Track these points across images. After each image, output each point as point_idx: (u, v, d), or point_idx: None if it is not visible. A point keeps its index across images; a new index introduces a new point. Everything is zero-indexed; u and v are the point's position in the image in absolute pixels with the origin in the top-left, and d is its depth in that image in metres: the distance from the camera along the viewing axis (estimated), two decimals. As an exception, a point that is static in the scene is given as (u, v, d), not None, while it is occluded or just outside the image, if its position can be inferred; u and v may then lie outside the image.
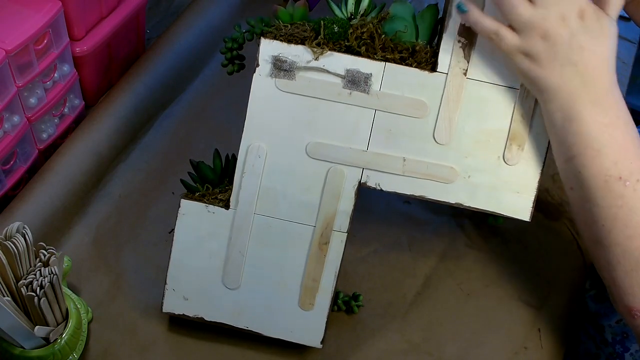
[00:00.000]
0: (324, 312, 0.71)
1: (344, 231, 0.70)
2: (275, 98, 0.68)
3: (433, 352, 0.77)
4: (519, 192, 0.69)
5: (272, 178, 0.69)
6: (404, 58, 0.67)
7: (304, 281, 0.70)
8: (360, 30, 0.66)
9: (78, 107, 0.90)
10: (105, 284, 0.77)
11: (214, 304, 0.71)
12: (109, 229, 0.82)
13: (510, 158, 0.68)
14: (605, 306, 0.85)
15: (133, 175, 0.87)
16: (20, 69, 0.75)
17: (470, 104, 0.68)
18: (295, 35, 0.67)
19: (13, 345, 0.65)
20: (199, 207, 0.70)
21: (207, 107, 0.95)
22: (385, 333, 0.78)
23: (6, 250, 0.62)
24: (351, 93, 0.67)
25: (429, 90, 0.67)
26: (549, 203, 0.91)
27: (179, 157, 0.89)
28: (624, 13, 1.18)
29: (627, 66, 1.12)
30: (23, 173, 0.83)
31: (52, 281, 0.62)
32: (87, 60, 0.87)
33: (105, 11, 0.88)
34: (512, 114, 0.68)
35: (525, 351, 0.78)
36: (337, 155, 0.68)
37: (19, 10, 0.75)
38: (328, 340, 0.74)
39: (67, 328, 0.67)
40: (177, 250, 0.71)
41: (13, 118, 0.78)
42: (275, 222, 0.70)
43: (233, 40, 0.71)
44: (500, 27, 0.63)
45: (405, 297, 0.81)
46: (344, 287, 0.80)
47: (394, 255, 0.84)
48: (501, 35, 0.63)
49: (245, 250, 0.70)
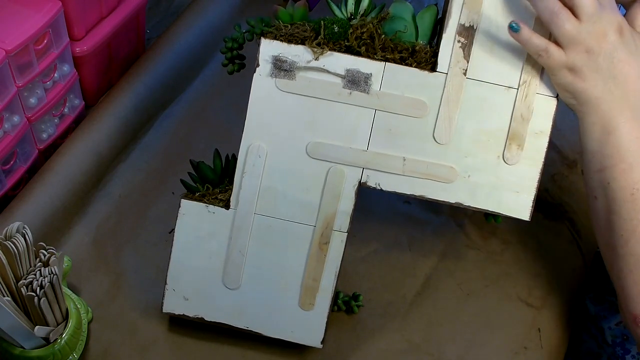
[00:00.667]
0: (324, 312, 0.71)
1: (344, 231, 0.70)
2: (275, 98, 0.68)
3: (433, 352, 0.77)
4: (518, 192, 0.69)
5: (272, 178, 0.69)
6: (404, 58, 0.67)
7: (304, 281, 0.70)
8: (360, 30, 0.67)
9: (78, 107, 0.90)
10: (105, 284, 0.77)
11: (214, 304, 0.71)
12: (109, 229, 0.82)
13: (510, 157, 0.68)
14: (604, 308, 0.85)
15: (133, 175, 0.87)
16: (20, 69, 0.75)
17: (470, 103, 0.68)
18: (295, 35, 0.67)
19: (13, 345, 0.65)
20: (199, 207, 0.70)
21: (207, 107, 0.95)
22: (385, 333, 0.78)
23: (6, 250, 0.62)
24: (351, 93, 0.67)
25: (428, 90, 0.67)
26: (549, 203, 0.91)
27: (179, 157, 0.88)
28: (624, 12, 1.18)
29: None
30: (23, 173, 0.83)
31: (52, 281, 0.62)
32: (87, 60, 0.87)
33: (105, 11, 0.88)
34: (512, 113, 0.68)
35: (525, 351, 0.78)
36: (337, 155, 0.68)
37: (19, 10, 0.75)
38: (328, 340, 0.74)
39: (67, 328, 0.67)
40: (177, 250, 0.71)
41: (13, 118, 0.78)
42: (275, 222, 0.70)
43: (233, 40, 0.71)
44: (549, 44, 0.65)
45: (405, 297, 0.81)
46: (344, 287, 0.80)
47: (394, 255, 0.84)
48: (550, 52, 0.64)
49: (245, 250, 0.70)
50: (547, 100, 0.68)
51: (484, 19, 0.67)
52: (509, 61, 0.67)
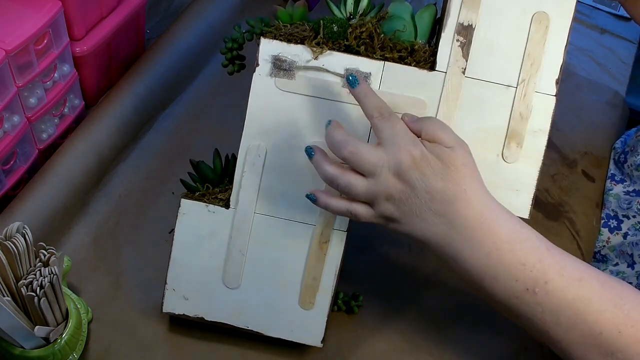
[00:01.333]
0: (324, 311, 0.71)
1: (344, 230, 0.70)
2: (275, 97, 0.68)
3: (433, 352, 0.77)
4: (518, 190, 0.69)
5: (272, 177, 0.69)
6: (403, 57, 0.67)
7: (304, 280, 0.70)
8: (359, 29, 0.67)
9: (78, 107, 0.90)
10: (105, 284, 0.77)
11: (214, 304, 0.71)
12: (109, 229, 0.82)
13: (509, 156, 0.68)
14: None
15: (133, 175, 0.87)
16: (20, 69, 0.75)
17: (469, 102, 0.68)
18: (294, 35, 0.67)
19: (13, 345, 0.65)
20: (199, 207, 0.70)
21: (207, 107, 0.95)
22: (385, 333, 0.78)
23: (6, 250, 0.62)
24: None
25: (427, 89, 0.67)
26: (549, 203, 0.91)
27: (179, 157, 0.89)
28: (624, 13, 1.18)
29: (627, 66, 1.12)
30: (23, 173, 0.83)
31: (52, 281, 0.62)
32: (87, 60, 0.87)
33: (105, 11, 0.88)
34: (511, 112, 0.68)
35: (525, 351, 0.78)
36: (336, 154, 0.68)
37: (19, 10, 0.75)
38: (328, 340, 0.74)
39: (67, 328, 0.67)
40: (177, 250, 0.71)
41: (13, 118, 0.78)
42: (275, 221, 0.70)
43: (233, 41, 0.71)
44: (350, 205, 0.63)
45: (405, 297, 0.81)
46: (344, 287, 0.79)
47: (394, 255, 0.84)
48: (354, 212, 0.63)
49: (245, 250, 0.70)
50: (546, 98, 0.68)
51: (482, 18, 0.67)
52: (508, 60, 0.67)
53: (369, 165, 0.61)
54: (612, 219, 0.92)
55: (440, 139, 0.61)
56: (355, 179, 0.61)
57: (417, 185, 0.60)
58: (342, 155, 0.61)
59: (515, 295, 0.61)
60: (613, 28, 1.18)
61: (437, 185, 0.60)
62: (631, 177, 0.93)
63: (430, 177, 0.60)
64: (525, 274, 0.61)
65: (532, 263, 0.61)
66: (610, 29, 1.17)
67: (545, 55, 0.67)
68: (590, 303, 0.60)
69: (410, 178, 0.60)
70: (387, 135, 0.61)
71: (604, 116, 1.04)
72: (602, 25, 1.18)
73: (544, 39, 0.67)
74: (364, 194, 0.62)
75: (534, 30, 0.67)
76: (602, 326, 0.60)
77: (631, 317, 0.60)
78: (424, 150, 0.60)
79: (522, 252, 0.61)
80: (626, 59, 1.13)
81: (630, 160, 0.93)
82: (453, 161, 0.60)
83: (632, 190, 0.92)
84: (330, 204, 0.64)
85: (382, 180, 0.60)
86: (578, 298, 0.60)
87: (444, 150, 0.60)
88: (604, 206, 0.94)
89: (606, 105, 1.05)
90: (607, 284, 0.61)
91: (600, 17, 1.19)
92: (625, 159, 0.95)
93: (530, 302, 0.61)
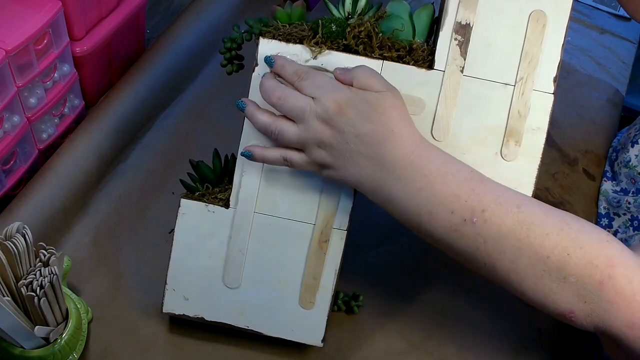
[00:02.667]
0: (324, 311, 0.71)
1: (343, 229, 0.70)
2: (274, 97, 0.68)
3: (433, 352, 0.77)
4: (517, 188, 0.68)
5: (271, 177, 0.69)
6: (401, 56, 0.67)
7: (304, 279, 0.70)
8: (357, 29, 0.67)
9: (78, 107, 0.90)
10: (105, 284, 0.78)
11: (214, 304, 0.71)
12: (109, 229, 0.82)
13: (507, 154, 0.68)
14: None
15: (133, 175, 0.87)
16: (20, 69, 0.75)
17: (467, 100, 0.68)
18: (293, 35, 0.67)
19: (13, 345, 0.65)
20: (198, 207, 0.70)
21: (207, 107, 0.96)
22: (385, 333, 0.78)
23: (6, 250, 0.62)
24: (350, 92, 0.67)
25: (426, 88, 0.67)
26: (550, 202, 0.91)
27: (179, 157, 0.89)
28: (624, 13, 1.18)
29: (627, 66, 1.12)
30: (23, 173, 0.83)
31: (52, 281, 0.63)
32: (87, 60, 0.87)
33: (105, 11, 0.88)
34: (509, 110, 0.68)
35: (525, 351, 0.78)
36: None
37: (19, 10, 0.75)
38: (328, 340, 0.74)
39: (67, 328, 0.67)
40: (177, 250, 0.71)
41: (13, 118, 0.78)
42: (275, 220, 0.70)
43: (232, 41, 0.71)
44: (286, 152, 0.64)
45: (405, 297, 0.81)
46: (344, 287, 0.79)
47: (394, 255, 0.84)
48: (288, 158, 0.64)
49: (245, 249, 0.70)
50: (544, 96, 0.68)
51: (480, 16, 0.67)
52: (506, 58, 0.67)
53: (297, 110, 0.62)
54: (604, 217, 0.92)
55: (370, 85, 0.62)
56: (286, 125, 0.63)
57: (346, 130, 0.61)
58: (271, 101, 0.63)
59: (453, 228, 0.60)
60: (613, 28, 1.17)
61: (364, 129, 0.60)
62: (618, 175, 0.93)
63: (357, 121, 0.60)
64: (460, 205, 0.60)
65: (466, 193, 0.60)
66: (610, 28, 1.17)
67: (543, 53, 0.67)
68: (532, 227, 0.59)
69: (337, 123, 0.61)
70: (312, 89, 0.62)
71: (605, 114, 1.04)
72: (602, 25, 1.18)
73: (542, 37, 0.67)
74: (295, 139, 0.63)
75: (531, 28, 0.67)
76: (549, 250, 0.58)
77: (579, 240, 0.58)
78: (349, 94, 0.61)
79: (454, 183, 0.60)
80: (626, 59, 1.13)
81: (620, 157, 0.93)
82: (381, 104, 0.61)
83: (619, 190, 0.92)
84: (265, 155, 0.65)
85: (312, 127, 0.61)
86: (519, 223, 0.59)
87: (372, 94, 0.61)
88: (598, 204, 0.94)
89: (607, 103, 1.05)
90: (550, 211, 0.60)
91: (600, 17, 1.19)
92: (616, 157, 0.95)
93: (470, 233, 0.60)
